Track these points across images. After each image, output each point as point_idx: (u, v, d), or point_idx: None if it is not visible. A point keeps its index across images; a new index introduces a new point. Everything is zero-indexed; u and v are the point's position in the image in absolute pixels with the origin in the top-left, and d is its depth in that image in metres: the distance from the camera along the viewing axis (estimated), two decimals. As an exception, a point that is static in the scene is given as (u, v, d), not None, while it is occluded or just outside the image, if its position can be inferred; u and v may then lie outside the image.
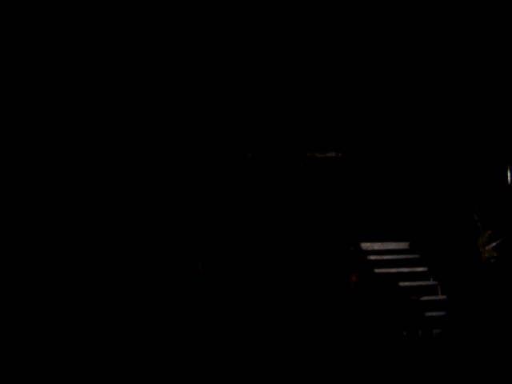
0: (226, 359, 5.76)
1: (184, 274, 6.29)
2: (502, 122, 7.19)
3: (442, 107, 7.31)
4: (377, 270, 6.59)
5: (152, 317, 5.99)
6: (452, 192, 7.12)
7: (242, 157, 6.88)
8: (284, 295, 6.18)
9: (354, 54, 7.26)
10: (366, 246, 6.82)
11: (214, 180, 6.72)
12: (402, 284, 6.54)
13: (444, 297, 6.68)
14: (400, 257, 6.87)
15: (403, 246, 6.98)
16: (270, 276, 6.31)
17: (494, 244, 6.64)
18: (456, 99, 7.32)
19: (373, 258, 6.75)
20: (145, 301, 6.05)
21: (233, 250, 6.46)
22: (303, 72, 7.16)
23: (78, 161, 6.41)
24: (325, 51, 7.19)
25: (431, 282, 6.79)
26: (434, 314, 6.46)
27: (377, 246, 6.88)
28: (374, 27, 7.23)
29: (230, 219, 6.60)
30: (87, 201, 6.32)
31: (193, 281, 6.28)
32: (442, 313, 6.48)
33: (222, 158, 6.80)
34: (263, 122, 7.03)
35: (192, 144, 6.78)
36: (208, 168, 6.73)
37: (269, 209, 6.72)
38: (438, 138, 7.29)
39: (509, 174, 7.02)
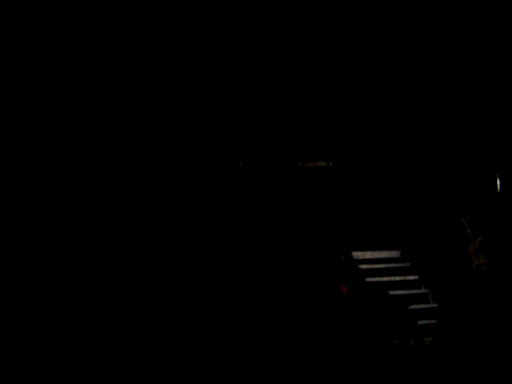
0: (215, 369, 5.75)
1: (175, 286, 6.28)
2: (490, 132, 7.23)
3: (433, 116, 7.34)
4: (368, 279, 6.60)
5: (142, 328, 5.97)
6: (442, 200, 7.15)
7: (232, 166, 6.88)
8: (274, 306, 6.17)
9: (343, 62, 7.28)
10: (357, 254, 6.83)
11: (204, 191, 6.71)
12: (393, 293, 6.54)
13: (435, 305, 6.70)
14: (391, 265, 6.87)
15: (394, 254, 6.99)
16: (260, 286, 6.31)
17: (484, 251, 6.66)
18: (447, 108, 7.36)
19: (364, 266, 6.76)
20: (135, 312, 6.04)
21: (224, 261, 6.46)
22: (293, 82, 7.18)
23: (63, 169, 6.38)
24: (313, 60, 7.22)
25: (423, 291, 6.81)
26: (426, 322, 6.47)
27: (368, 254, 6.89)
28: (365, 34, 7.26)
29: (220, 230, 6.60)
30: (73, 209, 6.30)
31: (184, 292, 6.27)
32: (434, 321, 6.50)
33: (212, 168, 6.80)
34: (254, 131, 7.04)
35: (182, 154, 6.78)
36: (199, 178, 6.73)
37: (260, 219, 6.72)
38: (428, 146, 7.32)
39: (498, 182, 7.05)
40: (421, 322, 6.43)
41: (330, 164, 7.18)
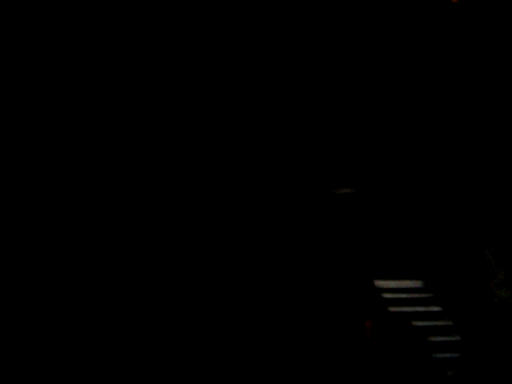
0: (234, 366, 5.68)
1: (196, 285, 6.24)
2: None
3: (460, 143, 7.30)
4: (391, 309, 6.52)
5: (161, 327, 5.91)
6: (466, 231, 7.08)
7: (259, 182, 6.85)
8: (296, 333, 6.10)
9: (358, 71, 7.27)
10: (380, 283, 6.75)
11: (226, 194, 6.68)
12: (416, 323, 6.46)
13: (458, 337, 6.59)
14: (415, 296, 6.79)
15: (418, 284, 6.91)
16: (280, 311, 6.24)
17: (508, 284, 6.58)
18: (475, 136, 7.32)
19: (387, 296, 6.68)
20: (154, 311, 5.99)
21: (245, 267, 6.41)
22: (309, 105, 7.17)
23: (82, 162, 6.37)
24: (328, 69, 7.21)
25: (446, 322, 6.70)
26: (448, 355, 6.36)
27: (391, 283, 6.81)
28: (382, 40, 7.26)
29: (242, 236, 6.56)
30: (91, 204, 6.28)
31: (204, 291, 6.22)
32: (457, 354, 6.39)
33: (235, 172, 6.78)
34: (280, 156, 7.02)
35: (203, 158, 6.76)
36: (221, 183, 6.70)
37: (282, 242, 6.66)
38: (452, 176, 7.27)
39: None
40: (443, 355, 6.33)
41: (354, 191, 7.14)
